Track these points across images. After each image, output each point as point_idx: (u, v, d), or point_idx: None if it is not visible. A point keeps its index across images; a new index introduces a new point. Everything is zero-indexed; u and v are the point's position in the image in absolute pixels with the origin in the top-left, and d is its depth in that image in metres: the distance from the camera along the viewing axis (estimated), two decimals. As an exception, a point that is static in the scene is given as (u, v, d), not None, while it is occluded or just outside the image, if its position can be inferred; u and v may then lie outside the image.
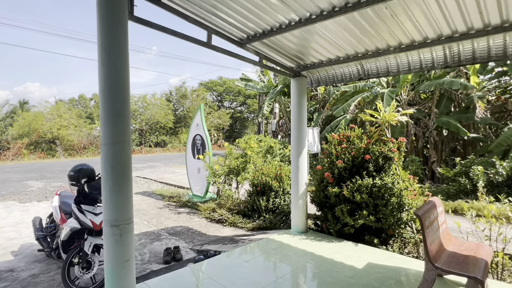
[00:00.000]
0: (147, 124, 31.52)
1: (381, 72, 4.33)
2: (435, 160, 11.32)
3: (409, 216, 4.33)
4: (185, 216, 6.70)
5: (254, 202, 6.08)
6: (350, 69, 4.60)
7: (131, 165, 2.78)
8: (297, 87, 4.82)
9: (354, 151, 4.60)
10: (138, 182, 10.40)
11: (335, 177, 4.63)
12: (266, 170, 6.24)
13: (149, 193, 8.88)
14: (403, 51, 3.75)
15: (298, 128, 4.84)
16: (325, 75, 4.93)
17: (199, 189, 8.01)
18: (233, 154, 7.17)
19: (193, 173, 8.24)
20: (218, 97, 40.31)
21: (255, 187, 6.21)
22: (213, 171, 7.01)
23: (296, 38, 3.81)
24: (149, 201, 7.98)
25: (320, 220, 4.96)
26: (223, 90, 39.10)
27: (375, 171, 4.47)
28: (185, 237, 5.34)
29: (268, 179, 6.06)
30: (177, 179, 11.18)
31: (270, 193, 5.99)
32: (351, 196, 4.35)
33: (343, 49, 4.03)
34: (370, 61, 4.29)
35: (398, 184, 4.25)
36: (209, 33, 3.58)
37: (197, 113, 8.13)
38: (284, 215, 5.82)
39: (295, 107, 4.85)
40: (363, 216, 4.26)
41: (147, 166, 16.18)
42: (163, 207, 7.46)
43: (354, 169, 4.58)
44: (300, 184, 4.81)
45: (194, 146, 8.22)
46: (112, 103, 2.56)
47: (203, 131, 7.91)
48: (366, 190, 4.28)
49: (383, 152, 4.46)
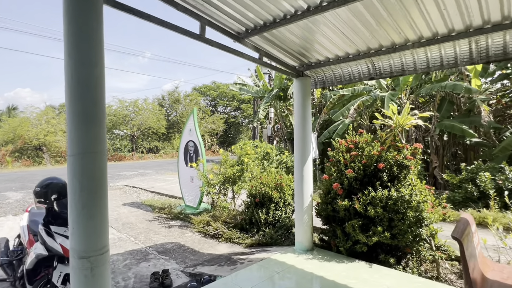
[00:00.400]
0: (139, 129, 30.76)
1: (395, 70, 3.88)
2: (437, 166, 10.96)
3: (429, 232, 3.86)
4: (176, 230, 6.12)
5: (253, 215, 5.54)
6: (359, 67, 4.14)
7: (106, 181, 2.25)
8: (301, 88, 4.34)
9: (365, 159, 4.12)
10: (126, 192, 9.77)
11: (344, 188, 4.13)
12: (265, 179, 5.71)
13: (138, 204, 8.26)
14: (422, 46, 3.30)
15: (302, 133, 4.35)
16: (331, 75, 4.46)
17: (192, 200, 7.44)
18: (229, 161, 6.64)
19: (185, 182, 7.67)
20: (212, 102, 39.79)
21: (253, 198, 5.68)
22: (207, 181, 6.46)
23: (301, 31, 3.34)
24: (137, 213, 7.37)
25: (327, 235, 4.44)
26: (217, 95, 38.61)
27: (389, 181, 4.00)
28: (176, 255, 4.77)
29: (267, 189, 5.54)
30: (168, 187, 10.57)
31: (270, 205, 5.46)
32: (363, 210, 3.87)
33: (354, 44, 3.57)
34: (382, 58, 3.84)
35: (416, 196, 3.77)
36: (202, 24, 3.09)
37: (190, 118, 7.59)
38: (285, 229, 5.29)
39: (299, 110, 4.36)
40: (377, 232, 3.77)
41: (138, 173, 15.50)
42: (152, 219, 6.86)
43: (366, 179, 4.10)
44: (305, 197, 4.31)
45: (187, 153, 7.67)
46: (83, 104, 2.04)
47: (196, 137, 7.37)
48: (381, 203, 3.79)
49: (398, 160, 3.99)
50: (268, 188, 5.56)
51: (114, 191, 9.89)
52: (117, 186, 10.96)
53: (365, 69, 4.11)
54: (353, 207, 3.94)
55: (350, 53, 3.83)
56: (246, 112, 37.68)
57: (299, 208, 4.34)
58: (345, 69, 4.27)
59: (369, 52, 3.70)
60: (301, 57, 4.09)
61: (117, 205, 7.97)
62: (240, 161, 6.80)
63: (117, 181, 12.27)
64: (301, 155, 4.32)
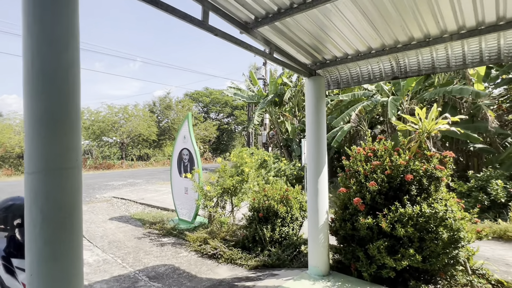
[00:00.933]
0: (129, 136, 29.81)
1: (424, 68, 3.40)
2: (441, 173, 10.58)
3: (467, 253, 3.34)
4: (170, 249, 5.45)
5: (256, 232, 4.94)
6: (381, 65, 3.65)
7: (80, 207, 1.66)
8: (314, 89, 3.82)
9: (389, 169, 3.60)
10: (114, 204, 9.01)
11: (366, 203, 3.60)
12: (270, 191, 5.14)
13: (126, 218, 7.55)
14: (463, 38, 2.83)
15: (315, 141, 3.81)
16: (347, 74, 3.96)
17: (187, 213, 6.79)
18: (227, 171, 6.05)
19: (179, 193, 7.03)
20: (204, 108, 39.17)
21: (256, 213, 5.09)
22: (204, 193, 5.84)
23: (317, 21, 2.83)
24: (126, 228, 6.67)
25: (346, 257, 3.87)
26: (209, 101, 38.03)
27: (418, 195, 3.48)
28: (170, 282, 4.12)
29: (272, 202, 4.96)
30: (160, 199, 9.86)
31: (275, 220, 4.88)
32: (390, 229, 3.33)
33: (380, 37, 3.07)
34: (409, 54, 3.36)
35: (452, 212, 3.26)
36: (205, 8, 2.54)
37: (184, 124, 6.99)
38: (294, 248, 4.71)
39: (312, 114, 3.83)
40: (408, 255, 3.23)
41: (127, 183, 14.68)
42: (143, 236, 6.17)
43: (391, 193, 3.58)
44: (321, 213, 3.75)
45: (181, 162, 7.04)
46: (48, 102, 1.46)
47: (191, 145, 6.76)
48: (411, 221, 3.26)
49: (427, 170, 3.48)
50: (273, 202, 4.99)
51: (100, 203, 9.13)
52: (104, 198, 10.19)
53: (388, 67, 3.62)
54: (378, 225, 3.40)
55: (373, 48, 3.33)
56: (240, 119, 37.15)
57: (314, 226, 3.78)
58: (364, 67, 3.78)
59: (396, 47, 3.21)
60: (314, 53, 3.58)
61: (104, 220, 7.24)
62: (239, 170, 6.22)
63: (104, 192, 11.48)
64: (315, 166, 3.77)
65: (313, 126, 3.81)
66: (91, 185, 13.71)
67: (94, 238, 5.98)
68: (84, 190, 12.03)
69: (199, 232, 5.91)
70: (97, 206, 8.60)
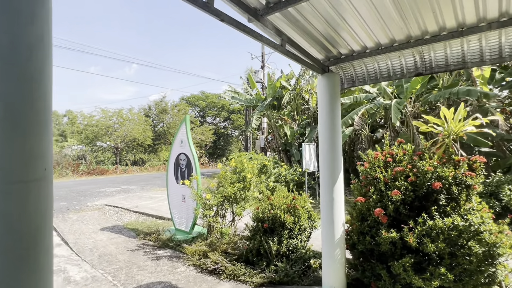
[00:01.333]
0: (123, 141, 29.20)
1: (453, 62, 3.04)
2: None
3: (504, 271, 2.96)
4: (166, 263, 4.99)
5: (261, 244, 4.51)
6: (402, 61, 3.29)
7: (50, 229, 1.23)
8: (328, 87, 3.44)
9: (413, 176, 3.22)
10: (106, 213, 8.50)
11: (389, 215, 3.20)
12: (276, 200, 4.72)
13: (119, 228, 7.05)
14: (503, 27, 2.47)
15: (330, 143, 3.41)
16: (363, 71, 3.60)
17: (184, 222, 6.33)
18: (228, 178, 5.63)
19: (176, 201, 6.57)
20: (201, 112, 38.72)
21: (261, 223, 4.67)
22: (203, 201, 5.41)
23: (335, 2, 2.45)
24: (118, 240, 6.18)
25: (364, 275, 3.46)
26: (206, 105, 37.61)
27: (447, 205, 3.10)
28: (166, 303, 3.66)
29: (278, 212, 4.55)
30: (155, 206, 9.37)
31: (282, 232, 4.46)
32: (417, 243, 2.93)
33: (406, 26, 2.71)
34: (437, 47, 3.00)
35: (488, 224, 2.88)
36: (210, -12, 2.15)
37: (181, 127, 6.57)
38: (303, 263, 4.29)
39: (326, 115, 3.44)
40: (437, 274, 2.84)
41: (120, 190, 14.12)
42: (136, 248, 5.70)
43: (416, 203, 3.19)
44: (336, 226, 3.34)
45: (178, 168, 6.60)
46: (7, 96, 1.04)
47: (189, 149, 6.33)
48: (443, 235, 2.87)
49: (456, 177, 3.11)
50: (280, 211, 4.57)
51: (91, 212, 8.60)
52: (96, 206, 9.65)
53: (411, 63, 3.26)
54: (403, 240, 3.01)
55: (396, 40, 2.97)
56: (236, 123, 36.77)
57: (328, 240, 3.37)
58: (382, 63, 3.41)
59: (423, 38, 2.85)
60: (329, 46, 3.20)
61: (94, 230, 6.75)
62: (240, 177, 5.81)
63: (96, 200, 10.93)
64: (330, 172, 3.37)
65: (327, 128, 3.41)
66: (82, 192, 13.14)
67: (83, 251, 5.49)
68: (74, 198, 11.48)
69: (197, 243, 5.46)
70: (88, 215, 8.09)
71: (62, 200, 10.94)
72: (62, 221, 7.43)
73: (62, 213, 8.33)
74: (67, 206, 9.54)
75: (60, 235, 6.34)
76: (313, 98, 17.20)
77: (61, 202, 10.32)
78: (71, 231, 6.56)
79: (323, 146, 3.45)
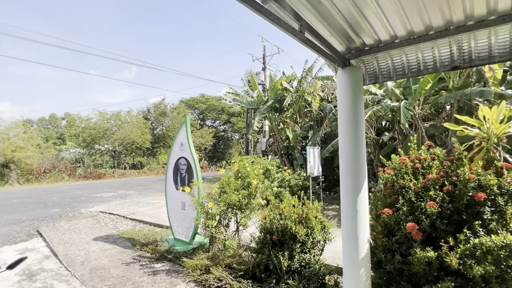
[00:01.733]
0: (121, 144, 28.69)
1: (498, 53, 2.62)
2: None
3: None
4: (164, 279, 4.53)
5: (269, 259, 4.06)
6: (436, 52, 2.87)
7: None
8: (350, 82, 3.01)
9: (449, 185, 2.79)
10: (101, 220, 8.00)
11: (422, 230, 2.76)
12: (286, 209, 4.28)
13: (114, 237, 6.57)
14: None
15: (352, 146, 2.98)
16: (388, 65, 3.18)
17: (184, 232, 5.87)
18: (232, 184, 5.18)
19: (175, 209, 6.11)
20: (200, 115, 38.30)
21: (269, 235, 4.22)
22: (205, 210, 4.96)
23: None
24: (112, 251, 5.71)
25: (392, 298, 3.02)
26: (206, 108, 37.20)
27: (492, 219, 2.67)
28: (164, 330, 3.20)
29: (289, 223, 4.10)
30: (153, 213, 8.90)
31: (294, 245, 4.01)
32: (460, 265, 2.49)
33: (449, 10, 2.29)
34: (479, 36, 2.58)
35: (543, 243, 2.45)
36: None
37: (181, 129, 6.13)
38: (317, 280, 3.83)
39: (347, 114, 3.01)
40: (485, 302, 2.39)
41: (117, 195, 13.62)
42: (132, 261, 5.23)
43: (456, 217, 2.75)
44: (361, 242, 2.89)
45: (177, 173, 6.15)
46: None
47: (189, 153, 5.89)
48: (491, 255, 2.43)
49: (502, 187, 2.68)
50: (290, 222, 4.12)
51: (85, 219, 8.11)
52: (90, 213, 9.15)
53: (446, 54, 2.84)
54: (441, 260, 2.57)
55: (433, 27, 2.55)
56: (237, 126, 36.33)
57: (352, 259, 2.92)
58: (412, 55, 2.99)
59: (467, 24, 2.43)
60: (352, 34, 2.77)
61: (87, 241, 6.27)
62: (245, 183, 5.37)
63: (90, 206, 10.42)
64: (353, 181, 2.93)
65: (349, 130, 2.98)
66: (77, 198, 12.64)
67: (73, 265, 5.02)
68: (68, 204, 10.98)
69: (199, 256, 5.01)
70: (81, 223, 7.61)
71: (55, 206, 10.45)
72: (53, 230, 6.95)
73: (54, 221, 7.84)
74: (60, 213, 9.05)
75: (49, 246, 5.86)
76: (316, 100, 16.80)
77: (53, 209, 9.83)
78: (62, 242, 6.08)
79: (344, 150, 3.02)
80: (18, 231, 6.97)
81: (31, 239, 6.38)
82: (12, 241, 6.21)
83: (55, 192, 15.21)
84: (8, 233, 6.81)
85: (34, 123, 48.11)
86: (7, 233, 6.81)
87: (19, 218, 8.43)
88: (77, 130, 27.44)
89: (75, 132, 27.92)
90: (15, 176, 19.75)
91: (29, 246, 5.91)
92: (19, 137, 21.41)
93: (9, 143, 20.01)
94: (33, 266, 4.95)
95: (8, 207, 10.29)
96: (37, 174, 21.51)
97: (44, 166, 22.43)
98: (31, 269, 4.80)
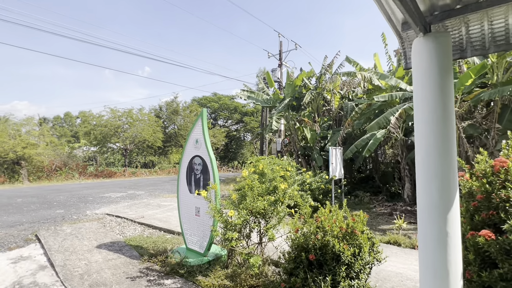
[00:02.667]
0: (132, 142, 28.33)
1: None
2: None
3: None
4: (174, 301, 3.77)
5: (305, 283, 3.25)
6: None
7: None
8: (436, 55, 2.16)
9: None
10: (107, 224, 7.33)
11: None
12: (326, 221, 3.45)
13: (120, 244, 5.88)
14: None
15: (441, 145, 2.14)
16: (483, 31, 2.32)
17: (197, 241, 5.12)
18: (255, 188, 4.39)
19: (188, 214, 5.37)
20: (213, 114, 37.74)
21: (305, 253, 3.41)
22: (224, 219, 4.18)
23: None
24: (117, 262, 5.00)
25: None
26: (218, 106, 36.61)
27: None
28: None
29: (330, 239, 3.27)
30: (164, 217, 8.19)
31: (337, 268, 3.18)
32: None
33: None
34: None
35: None
36: None
37: (197, 124, 5.39)
38: (370, 315, 2.99)
39: (431, 98, 2.17)
40: None
41: (126, 195, 13.01)
42: (138, 275, 4.50)
43: None
44: (452, 276, 2.04)
45: (191, 174, 5.41)
46: None
47: (205, 151, 5.14)
48: None
49: None
50: (332, 238, 3.30)
51: (89, 223, 7.46)
52: (96, 215, 8.50)
53: None
54: None
55: None
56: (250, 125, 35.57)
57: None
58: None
59: None
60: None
61: (89, 248, 5.59)
62: (270, 187, 4.57)
63: (97, 207, 9.79)
64: (440, 191, 2.09)
65: (434, 120, 2.14)
66: (84, 198, 12.08)
67: (71, 279, 4.32)
68: (74, 204, 10.42)
69: (215, 272, 4.25)
70: (85, 227, 6.95)
71: (59, 207, 9.88)
72: (53, 234, 6.31)
73: (55, 224, 7.21)
74: (63, 215, 8.44)
75: (46, 254, 5.20)
76: (335, 98, 15.86)
77: (57, 210, 9.24)
78: (61, 249, 5.42)
79: (426, 148, 2.18)
80: (15, 235, 6.36)
81: (28, 245, 5.74)
82: (6, 247, 5.57)
83: (62, 191, 14.77)
84: (3, 237, 6.20)
85: (49, 121, 48.71)
86: (3, 237, 6.20)
87: (19, 220, 7.84)
88: (88, 128, 27.24)
89: (85, 129, 27.75)
90: (26, 173, 19.52)
91: (25, 254, 5.26)
92: (30, 134, 21.24)
93: (20, 140, 19.81)
94: (25, 279, 4.28)
95: (10, 207, 9.76)
96: (48, 171, 21.28)
97: (55, 163, 22.20)
98: (22, 283, 4.13)
